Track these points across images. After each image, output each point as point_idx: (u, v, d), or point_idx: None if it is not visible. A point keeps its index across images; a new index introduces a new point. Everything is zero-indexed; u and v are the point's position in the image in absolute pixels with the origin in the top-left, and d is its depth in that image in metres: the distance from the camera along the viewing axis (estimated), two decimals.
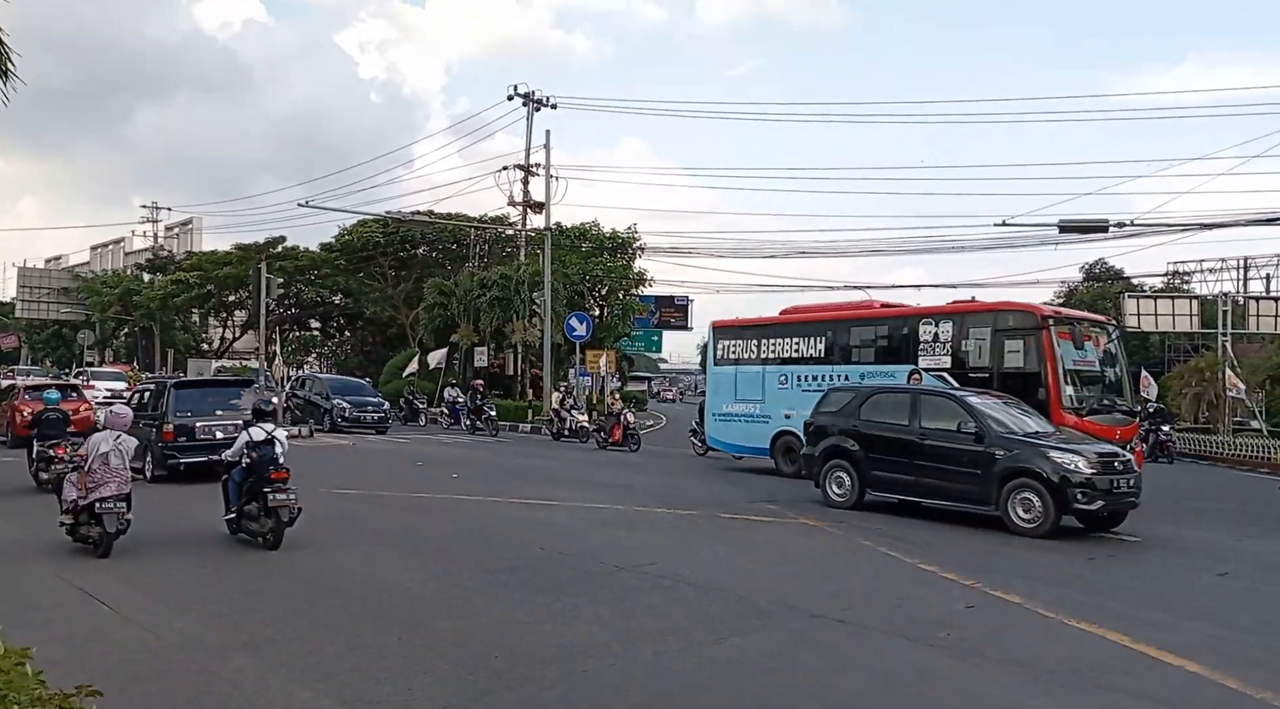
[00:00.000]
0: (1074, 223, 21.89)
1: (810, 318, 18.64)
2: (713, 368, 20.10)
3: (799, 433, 15.45)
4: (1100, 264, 51.74)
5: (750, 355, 19.04)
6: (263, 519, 9.64)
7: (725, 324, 20.48)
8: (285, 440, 10.32)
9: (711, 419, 20.03)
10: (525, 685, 5.53)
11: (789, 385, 18.01)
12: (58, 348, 66.23)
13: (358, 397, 29.02)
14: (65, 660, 5.27)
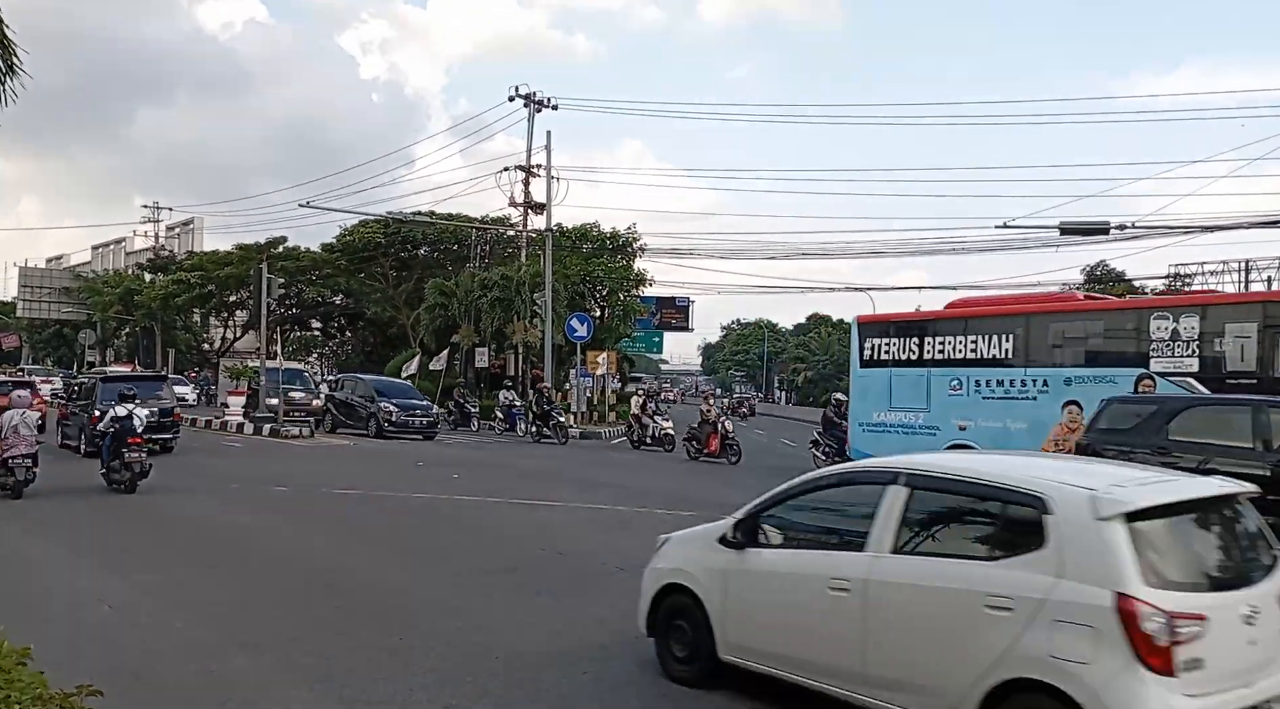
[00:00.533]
0: (1075, 225, 21.86)
1: (994, 312, 15.94)
2: (858, 371, 17.42)
3: (977, 447, 13.76)
4: (1101, 266, 51.69)
5: (908, 356, 16.35)
6: (122, 471, 13.43)
7: (873, 319, 18.27)
8: (144, 417, 14.26)
9: (858, 430, 17.20)
10: (525, 687, 5.54)
11: (964, 391, 15.35)
12: (59, 347, 66.25)
13: (404, 399, 26.28)
14: (66, 660, 5.27)
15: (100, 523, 11.40)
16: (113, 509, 12.34)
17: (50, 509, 12.25)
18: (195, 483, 14.93)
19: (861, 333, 17.57)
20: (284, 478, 15.48)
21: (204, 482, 15.18)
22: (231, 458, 20.14)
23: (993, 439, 14.39)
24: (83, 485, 13.92)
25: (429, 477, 16.23)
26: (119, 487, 13.41)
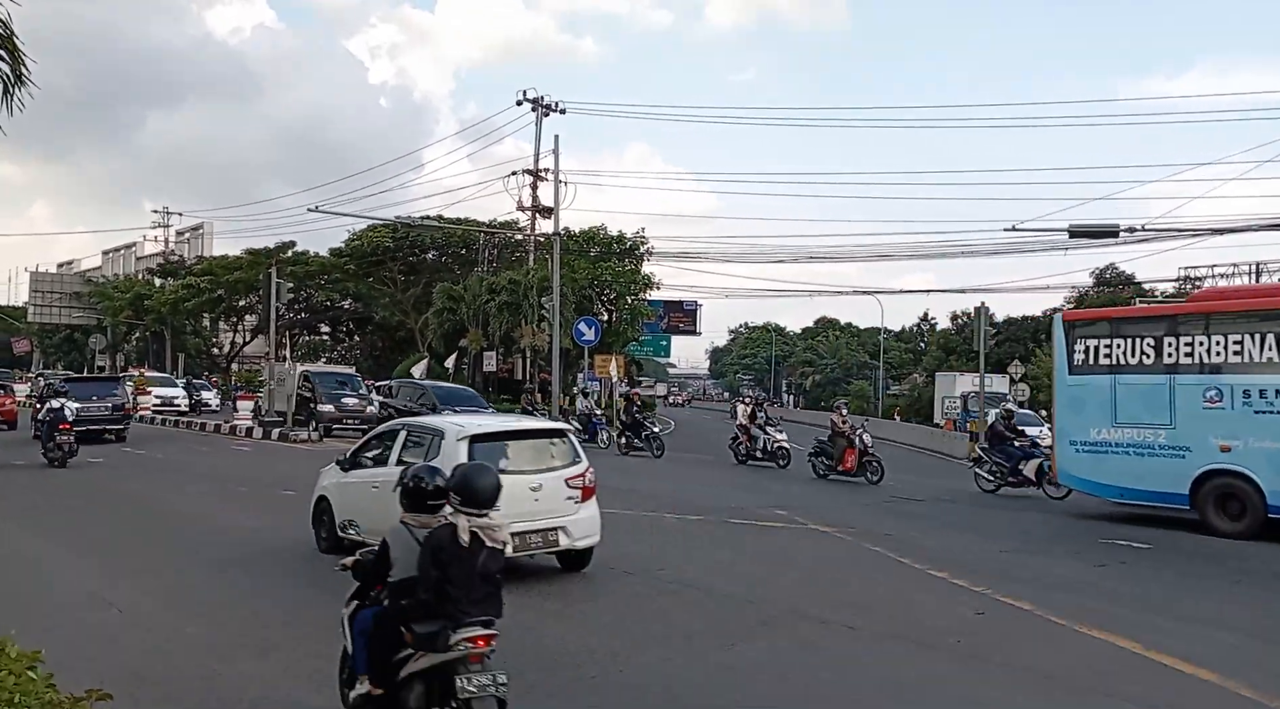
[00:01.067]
0: (1084, 228, 21.84)
1: (1274, 304, 12.72)
2: (1066, 379, 14.44)
3: (1251, 473, 11.96)
4: (1111, 269, 51.58)
5: (1142, 360, 13.41)
6: (55, 450, 17.19)
7: (1087, 316, 15.65)
8: (74, 409, 18.26)
9: (1070, 451, 14.27)
10: (533, 691, 5.52)
11: (1227, 403, 12.38)
12: (70, 352, 66.56)
13: (470, 407, 23.53)
14: (75, 664, 5.28)
15: (104, 522, 11.43)
16: (115, 509, 12.37)
17: None
18: (205, 486, 14.96)
19: (1070, 333, 14.44)
20: (290, 481, 15.50)
21: (213, 484, 15.21)
22: (240, 460, 20.19)
23: (1274, 464, 11.86)
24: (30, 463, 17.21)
25: None
26: (54, 462, 17.21)
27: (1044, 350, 47.03)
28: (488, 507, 4.42)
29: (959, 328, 56.76)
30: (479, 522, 4.36)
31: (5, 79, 5.51)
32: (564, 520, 8.52)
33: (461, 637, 4.27)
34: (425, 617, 4.32)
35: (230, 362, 57.10)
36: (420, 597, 4.34)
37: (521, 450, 8.87)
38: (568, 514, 8.54)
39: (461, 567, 4.32)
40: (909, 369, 72.58)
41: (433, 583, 4.29)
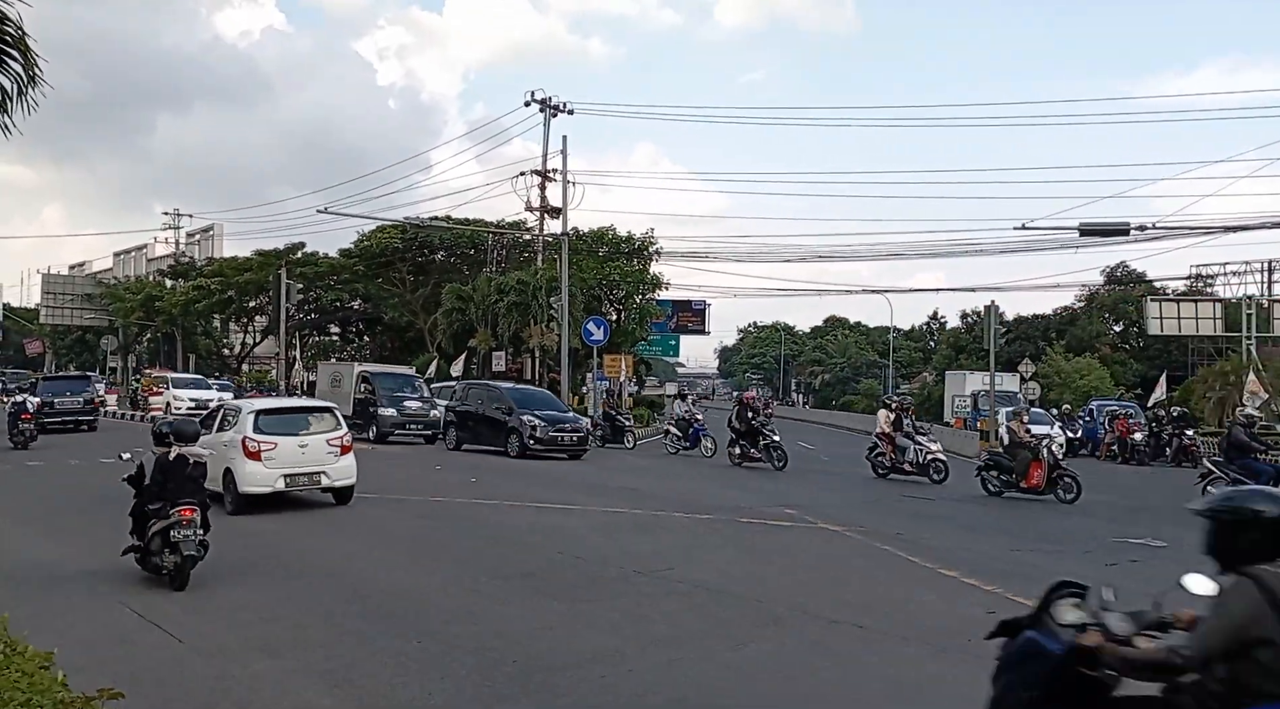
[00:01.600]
0: (1095, 226, 21.77)
1: None
2: None
3: None
4: (1122, 267, 51.37)
5: None
6: (18, 436, 21.25)
7: None
8: (35, 403, 22.49)
9: None
10: (541, 691, 5.54)
11: None
12: (81, 353, 66.93)
13: (548, 410, 22.09)
14: (88, 664, 5.32)
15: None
16: None
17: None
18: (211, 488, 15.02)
19: None
20: None
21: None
22: None
23: None
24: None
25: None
26: (17, 446, 21.14)
27: (1054, 349, 46.90)
28: (190, 442, 8.56)
29: (969, 326, 56.58)
30: (185, 449, 8.42)
31: (18, 80, 5.56)
32: (325, 468, 12.70)
33: (176, 509, 7.99)
34: (157, 499, 8.15)
35: (241, 362, 57.32)
36: (153, 490, 8.23)
37: (295, 420, 13.13)
38: (328, 464, 12.71)
39: (176, 473, 8.25)
40: (919, 368, 72.38)
41: (160, 482, 8.21)
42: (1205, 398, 30.36)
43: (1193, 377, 37.12)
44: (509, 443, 21.04)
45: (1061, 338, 49.50)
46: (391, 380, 25.32)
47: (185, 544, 7.84)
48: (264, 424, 12.60)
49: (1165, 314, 39.22)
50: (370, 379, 24.79)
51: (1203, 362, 40.89)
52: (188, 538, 7.86)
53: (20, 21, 5.40)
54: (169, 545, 7.93)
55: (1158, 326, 39.73)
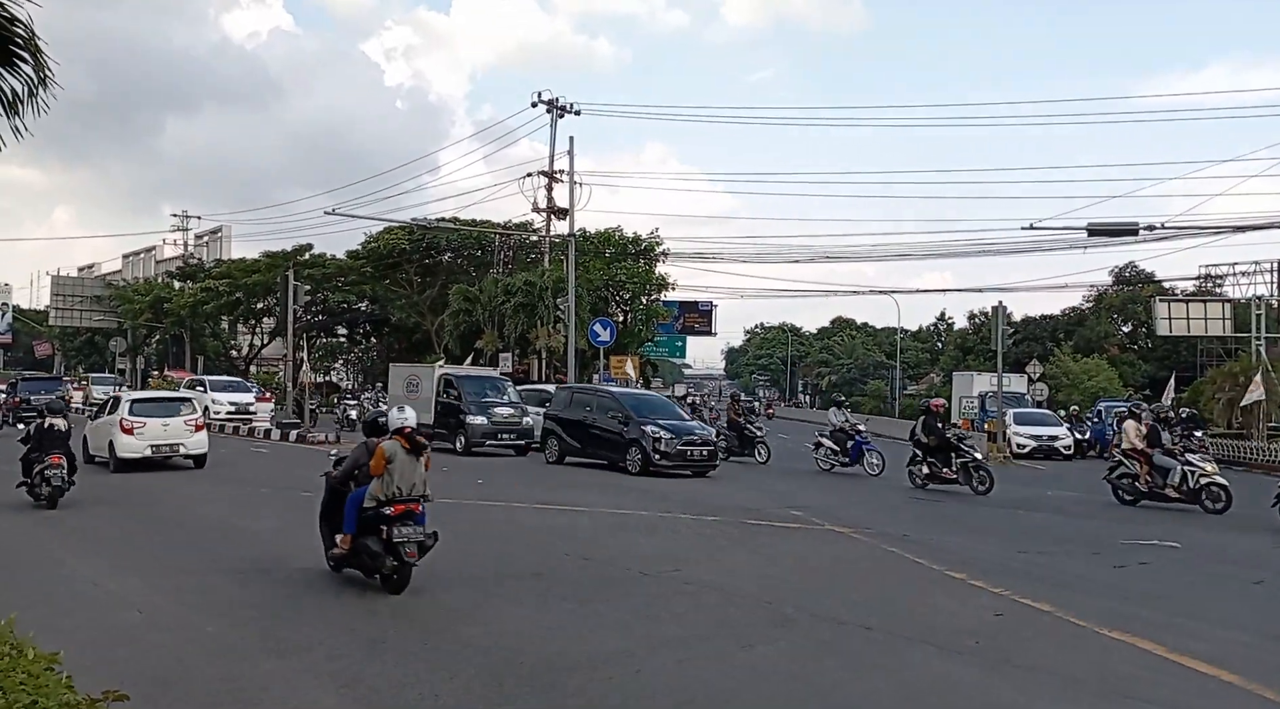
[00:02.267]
0: (1103, 226, 21.69)
1: None
2: None
3: None
4: (1130, 267, 51.21)
5: None
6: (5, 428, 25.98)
7: None
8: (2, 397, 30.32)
9: None
10: (550, 692, 5.52)
11: None
12: (90, 355, 67.20)
13: (672, 420, 19.19)
14: (95, 665, 5.32)
15: (121, 523, 11.53)
16: (143, 514, 12.47)
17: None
18: (221, 488, 15.06)
19: None
20: (309, 483, 15.58)
21: (232, 486, 15.31)
22: (259, 463, 20.31)
23: None
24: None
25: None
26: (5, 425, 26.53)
27: (1062, 349, 46.74)
28: (57, 415, 12.90)
29: (976, 327, 56.44)
30: (53, 420, 12.70)
31: (29, 82, 5.56)
32: (183, 441, 17.48)
33: (48, 457, 12.37)
34: (36, 452, 12.55)
35: (249, 364, 57.47)
36: (33, 447, 12.49)
37: (161, 407, 17.95)
38: (186, 438, 17.50)
39: (48, 436, 12.51)
40: (926, 369, 72.25)
41: (38, 441, 12.50)
42: (1215, 399, 30.20)
43: (1202, 377, 36.96)
44: (628, 457, 18.38)
45: (1069, 338, 49.36)
46: (478, 384, 23.02)
47: (54, 478, 12.29)
48: (136, 409, 17.50)
49: (1174, 314, 39.11)
50: (455, 383, 22.45)
51: (1212, 362, 40.73)
52: (56, 474, 12.29)
53: (30, 23, 5.40)
54: (45, 480, 12.32)
55: (1166, 327, 39.61)
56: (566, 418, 20.32)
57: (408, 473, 7.92)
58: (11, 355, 75.17)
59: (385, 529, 7.70)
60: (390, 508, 7.76)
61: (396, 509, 7.75)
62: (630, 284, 38.46)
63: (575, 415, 20.14)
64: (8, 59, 5.51)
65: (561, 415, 20.52)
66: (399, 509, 7.76)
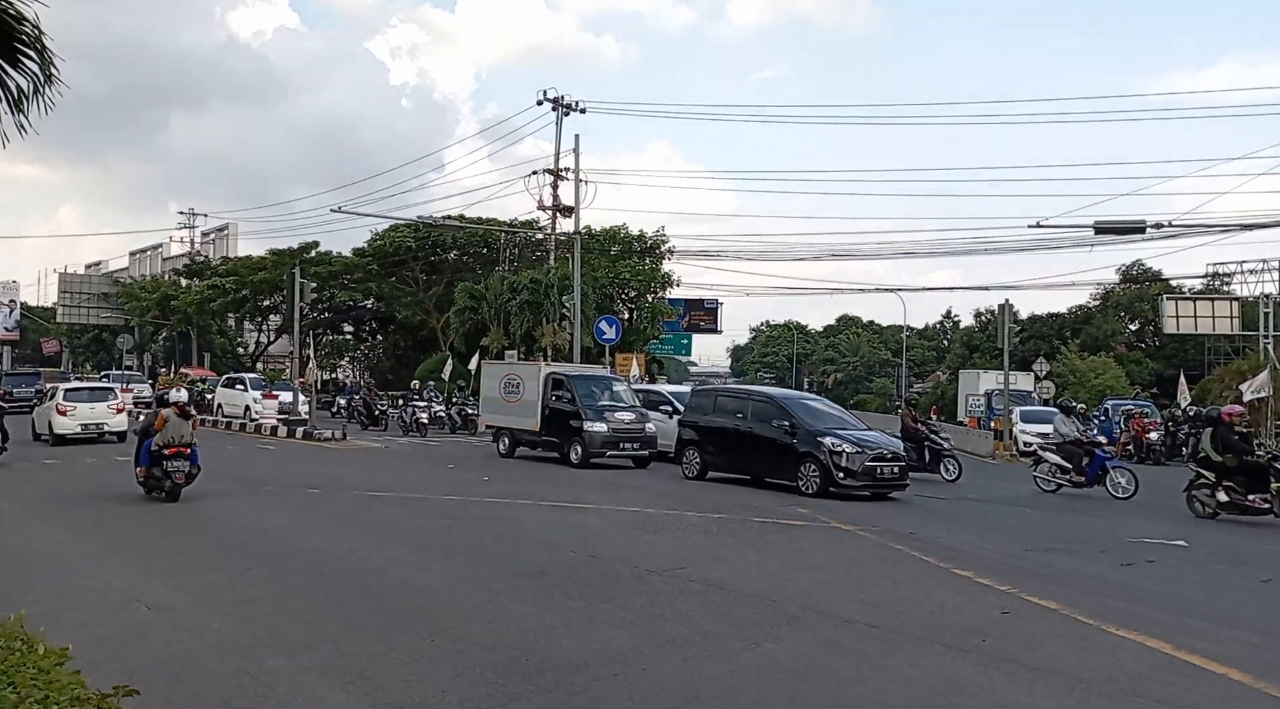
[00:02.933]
0: (1110, 224, 21.57)
1: None
2: None
3: None
4: (1137, 265, 51.03)
5: None
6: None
7: None
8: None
9: None
10: (555, 689, 5.53)
11: None
12: (98, 352, 67.42)
13: (847, 428, 15.85)
14: (103, 661, 5.35)
15: (134, 522, 11.57)
16: (155, 512, 12.52)
17: None
18: (229, 485, 15.10)
19: None
20: (315, 478, 15.63)
21: (238, 484, 15.36)
22: (264, 460, 20.37)
23: None
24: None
25: None
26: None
27: (1069, 348, 46.61)
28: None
29: (983, 325, 56.31)
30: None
31: (34, 78, 5.58)
32: (107, 421, 22.09)
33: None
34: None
35: (255, 361, 57.63)
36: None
37: (89, 394, 22.89)
38: (109, 419, 22.02)
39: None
40: (932, 367, 72.17)
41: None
42: (1222, 397, 30.10)
43: (1209, 375, 36.86)
44: (800, 475, 15.03)
45: (1076, 337, 49.23)
46: (592, 384, 20.13)
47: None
48: (69, 396, 22.74)
49: (1181, 313, 38.98)
50: (567, 384, 19.69)
51: (1219, 361, 40.60)
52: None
53: (37, 20, 5.41)
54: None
55: (1174, 325, 39.49)
56: (710, 425, 17.06)
57: (178, 429, 12.91)
58: (19, 353, 75.39)
59: (164, 463, 12.86)
60: (167, 450, 12.85)
61: (170, 451, 12.86)
62: (636, 282, 38.48)
63: (722, 422, 16.84)
64: (13, 56, 5.52)
65: (702, 423, 17.26)
66: (171, 451, 12.87)
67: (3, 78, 5.52)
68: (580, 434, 18.79)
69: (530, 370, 21.11)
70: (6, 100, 5.53)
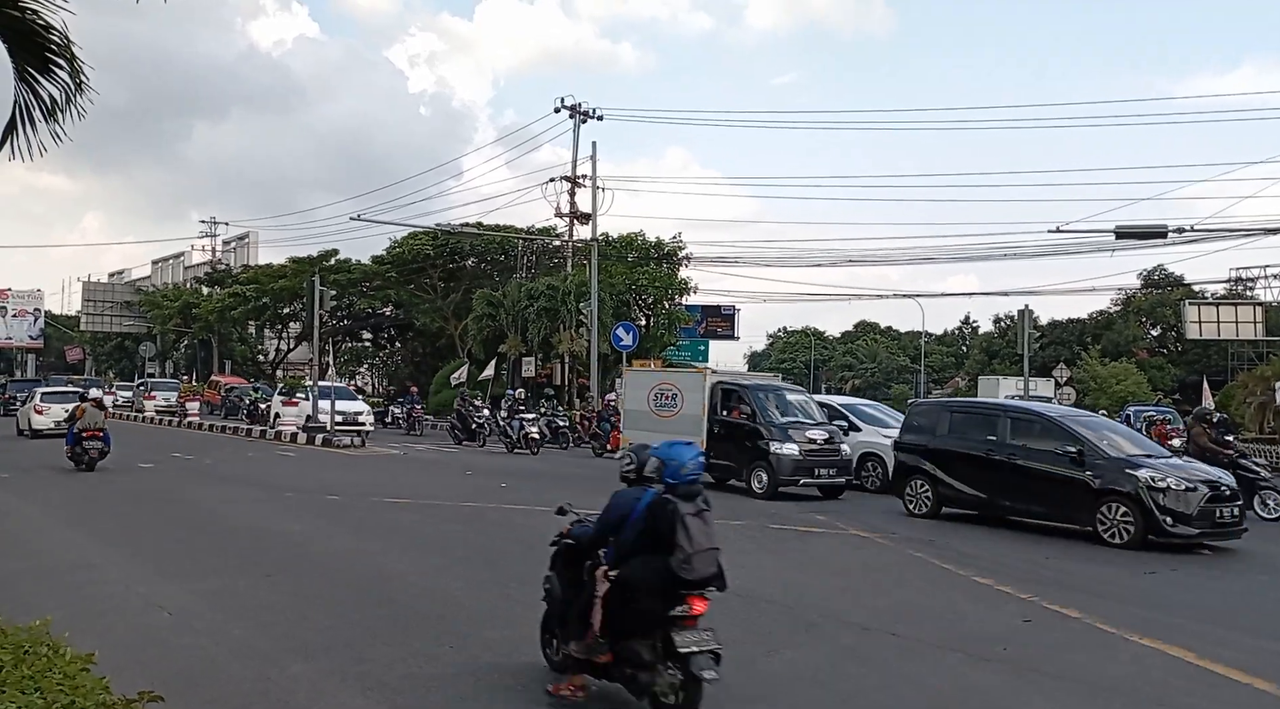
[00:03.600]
0: (1131, 228, 21.45)
1: None
2: None
3: None
4: (1159, 270, 50.63)
5: None
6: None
7: None
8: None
9: None
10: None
11: None
12: (121, 359, 68.17)
13: (1157, 457, 12.51)
14: (126, 666, 5.39)
15: (148, 526, 11.67)
16: (176, 517, 12.63)
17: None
18: (250, 492, 15.21)
19: None
20: (335, 486, 15.72)
21: (260, 490, 15.47)
22: (285, 467, 20.50)
23: None
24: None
25: None
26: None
27: (1090, 353, 46.25)
28: None
29: (1002, 331, 56.02)
30: None
31: (65, 88, 5.66)
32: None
33: None
34: None
35: (275, 368, 58.06)
36: None
37: (62, 397, 25.92)
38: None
39: None
40: (950, 373, 71.79)
41: None
42: (1246, 403, 29.80)
43: (1233, 381, 36.47)
44: (1101, 519, 11.47)
45: (1097, 342, 48.88)
46: (774, 397, 16.74)
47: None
48: (44, 398, 27.22)
49: (1204, 318, 38.62)
50: (742, 395, 16.53)
51: (1243, 366, 40.16)
52: None
53: (64, 28, 5.50)
54: None
55: (1196, 331, 39.12)
56: (945, 449, 13.47)
57: (93, 417, 17.55)
58: (43, 360, 76.32)
59: (81, 443, 17.43)
60: (85, 433, 17.43)
61: (87, 434, 17.44)
62: (653, 288, 38.51)
63: (963, 446, 13.30)
64: (44, 66, 5.61)
65: (933, 446, 13.63)
66: (88, 434, 17.45)
67: (35, 86, 5.60)
68: (766, 458, 15.39)
69: (690, 379, 18.13)
70: (40, 109, 5.62)
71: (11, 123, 5.59)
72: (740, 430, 16.16)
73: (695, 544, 5.15)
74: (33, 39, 5.49)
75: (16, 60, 5.55)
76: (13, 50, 5.52)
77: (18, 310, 71.67)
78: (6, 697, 3.04)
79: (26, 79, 5.59)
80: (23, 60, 5.55)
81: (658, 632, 5.10)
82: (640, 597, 5.12)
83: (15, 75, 5.57)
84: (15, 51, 5.52)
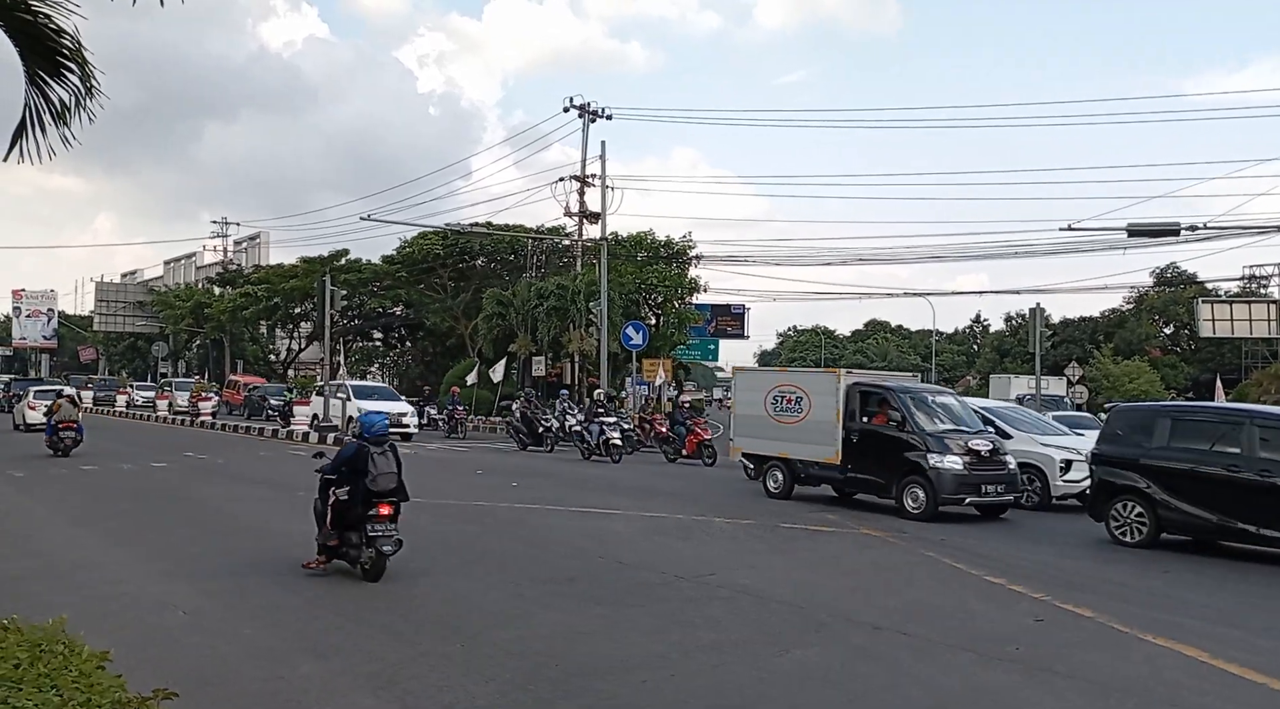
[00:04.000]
0: (1143, 226, 21.33)
1: None
2: None
3: None
4: (1172, 268, 50.37)
5: None
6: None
7: None
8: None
9: None
10: (583, 696, 5.54)
11: None
12: (133, 359, 68.55)
13: None
14: (137, 665, 5.42)
15: (161, 526, 11.73)
16: (187, 516, 12.69)
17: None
18: (261, 491, 15.27)
19: None
20: None
21: (270, 489, 15.53)
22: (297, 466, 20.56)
23: None
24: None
25: None
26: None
27: (1102, 352, 46.00)
28: None
29: (1013, 329, 55.79)
30: None
31: (76, 91, 5.69)
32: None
33: None
34: None
35: (286, 368, 58.29)
36: None
37: (51, 394, 25.28)
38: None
39: None
40: (962, 372, 71.52)
41: None
42: (1260, 401, 29.60)
43: (1247, 380, 36.25)
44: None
45: (1109, 340, 48.64)
46: (924, 401, 14.30)
47: None
48: (36, 396, 29.12)
49: (1217, 316, 38.41)
50: (887, 398, 14.11)
51: (1256, 364, 39.91)
52: None
53: (76, 32, 5.53)
54: None
55: (1209, 329, 38.91)
56: (1165, 466, 11.16)
57: (67, 411, 20.44)
58: (57, 360, 76.87)
59: (58, 433, 20.18)
60: (60, 425, 20.23)
61: (63, 425, 20.21)
62: (662, 287, 38.51)
63: (1192, 461, 10.96)
64: (56, 69, 5.64)
65: (1147, 460, 11.33)
66: (64, 425, 20.22)
67: (46, 90, 5.64)
68: (922, 473, 13.22)
69: (819, 380, 15.81)
70: (50, 112, 5.65)
71: (21, 126, 5.62)
72: (886, 440, 13.83)
73: (379, 469, 8.41)
74: (44, 43, 5.52)
75: (28, 64, 5.58)
76: (24, 54, 5.55)
77: (32, 311, 72.27)
78: (24, 694, 3.06)
79: (37, 82, 5.62)
80: (34, 64, 5.58)
81: (362, 526, 8.43)
82: (351, 504, 8.49)
83: (26, 79, 5.60)
84: (26, 55, 5.55)
